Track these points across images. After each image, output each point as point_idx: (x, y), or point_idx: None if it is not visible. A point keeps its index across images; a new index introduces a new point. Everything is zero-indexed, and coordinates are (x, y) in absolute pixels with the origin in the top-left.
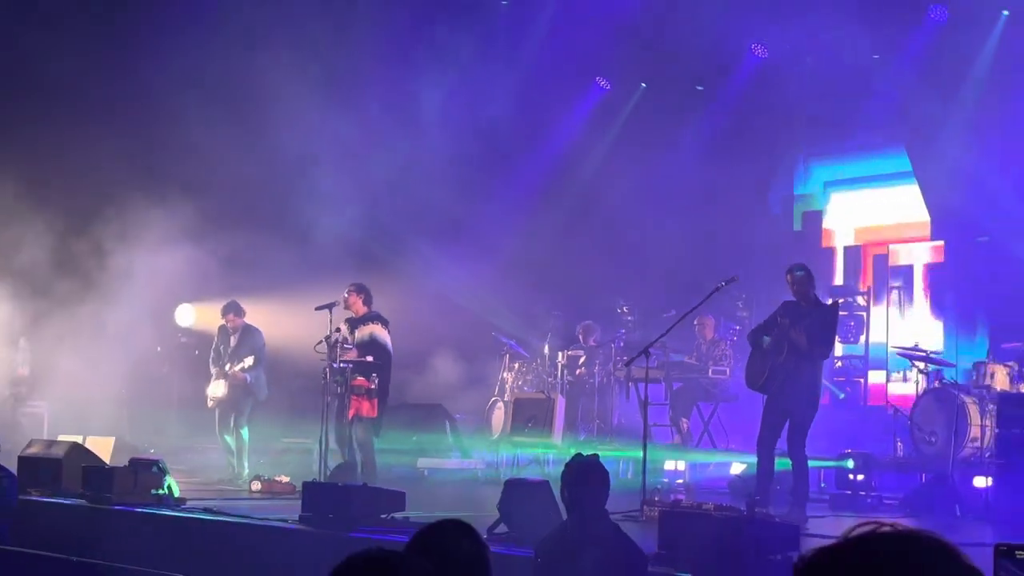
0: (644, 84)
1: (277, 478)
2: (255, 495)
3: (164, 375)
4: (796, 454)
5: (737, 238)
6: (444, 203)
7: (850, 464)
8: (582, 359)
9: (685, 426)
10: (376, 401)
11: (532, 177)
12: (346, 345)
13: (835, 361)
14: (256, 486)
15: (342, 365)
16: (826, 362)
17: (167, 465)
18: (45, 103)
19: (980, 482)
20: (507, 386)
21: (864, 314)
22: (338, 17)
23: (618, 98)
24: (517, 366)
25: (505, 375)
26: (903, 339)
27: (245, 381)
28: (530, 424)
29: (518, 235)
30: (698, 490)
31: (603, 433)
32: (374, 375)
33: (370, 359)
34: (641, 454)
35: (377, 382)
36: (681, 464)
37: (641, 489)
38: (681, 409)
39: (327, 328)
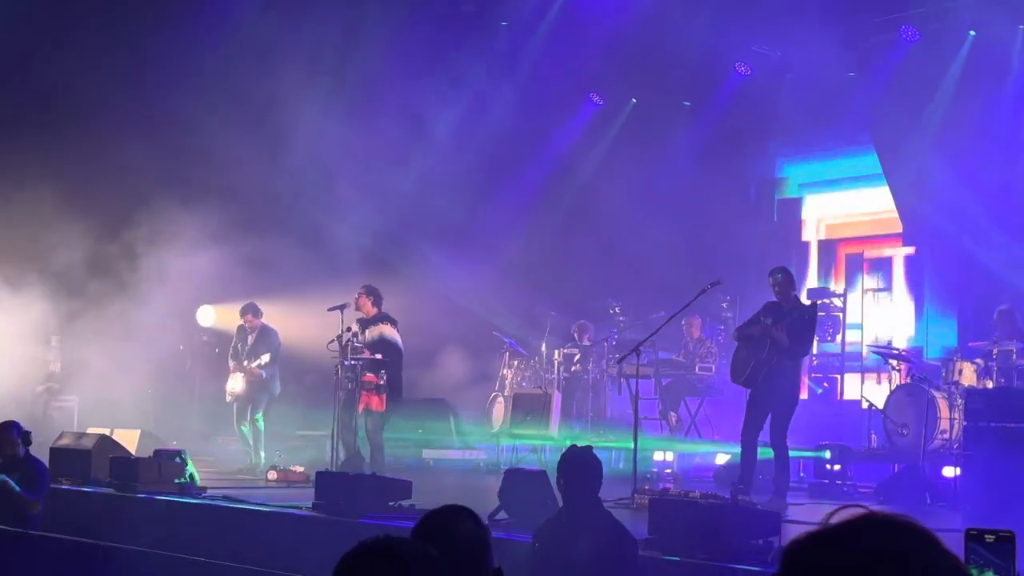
0: (635, 100)
1: (292, 468)
2: (271, 484)
3: (187, 372)
4: (778, 445)
5: (722, 243)
6: (449, 210)
7: (827, 455)
8: (577, 357)
9: (673, 419)
10: (384, 396)
11: (530, 186)
12: (357, 344)
13: (812, 359)
14: (272, 475)
15: (353, 363)
16: (805, 359)
17: (189, 456)
18: (82, 117)
19: (949, 472)
20: (507, 382)
21: (840, 314)
22: (352, 38)
23: (611, 112)
24: (516, 363)
25: (505, 371)
26: (879, 331)
27: (261, 376)
28: (528, 417)
29: (517, 241)
30: (685, 479)
31: (597, 426)
32: (382, 372)
33: (379, 357)
34: (632, 445)
35: (386, 378)
36: (670, 455)
37: (632, 478)
38: (670, 403)
39: (339, 328)
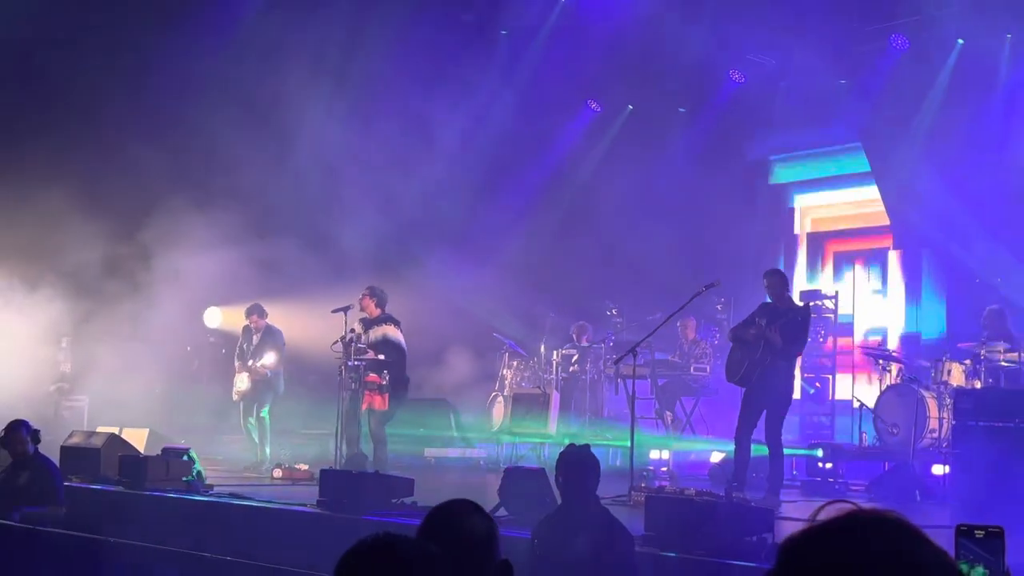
0: (631, 106)
1: (297, 466)
2: (277, 481)
3: (194, 372)
4: (773, 443)
5: (718, 245)
6: (451, 214)
7: (819, 453)
8: (575, 357)
9: (669, 418)
10: (387, 396)
11: (530, 188)
12: (360, 344)
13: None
14: (277, 473)
15: (356, 363)
16: (798, 359)
17: (196, 454)
18: (98, 121)
19: (938, 470)
20: (507, 382)
21: (832, 316)
22: (356, 41)
23: (608, 118)
24: (516, 364)
25: (505, 372)
26: (871, 322)
27: (266, 375)
28: (528, 417)
29: (517, 242)
30: (681, 476)
31: (594, 425)
32: (385, 372)
33: (382, 357)
34: (629, 444)
35: (388, 378)
36: (666, 453)
37: (629, 476)
38: (665, 403)
39: (343, 329)
